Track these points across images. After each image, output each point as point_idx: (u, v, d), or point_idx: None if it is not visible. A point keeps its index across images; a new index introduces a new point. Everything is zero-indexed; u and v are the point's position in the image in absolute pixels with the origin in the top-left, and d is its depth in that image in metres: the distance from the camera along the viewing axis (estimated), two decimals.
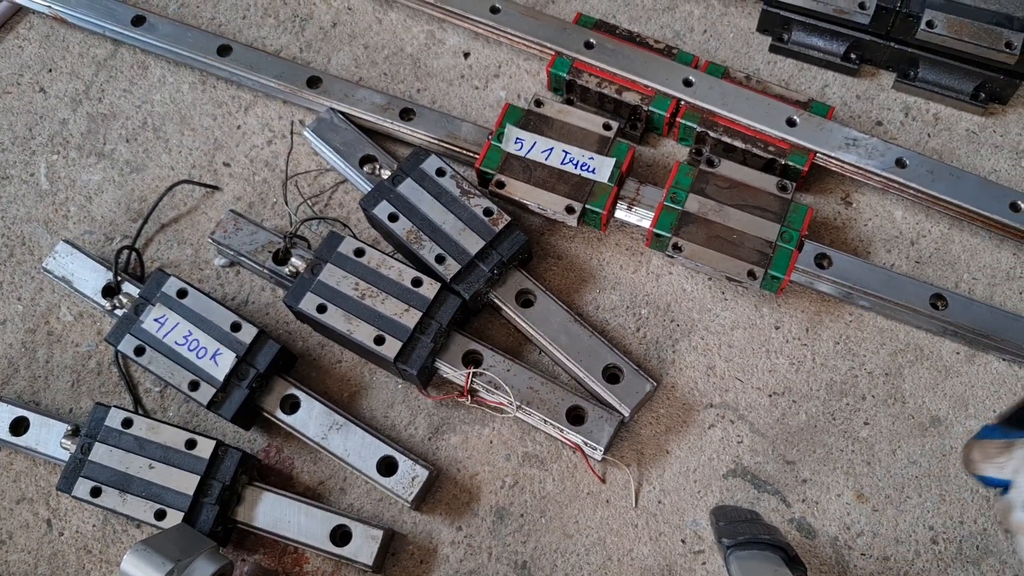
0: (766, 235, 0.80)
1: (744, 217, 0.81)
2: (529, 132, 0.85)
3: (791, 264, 0.79)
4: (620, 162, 0.83)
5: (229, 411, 0.77)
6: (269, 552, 0.78)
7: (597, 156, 0.83)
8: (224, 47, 0.93)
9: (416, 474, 0.77)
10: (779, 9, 0.91)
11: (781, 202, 0.81)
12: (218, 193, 0.92)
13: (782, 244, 0.79)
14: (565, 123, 0.85)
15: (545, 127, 0.85)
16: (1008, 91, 0.88)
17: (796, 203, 0.81)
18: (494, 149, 0.84)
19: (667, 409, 0.81)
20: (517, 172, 0.84)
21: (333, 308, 0.78)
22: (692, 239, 0.80)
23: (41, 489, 0.82)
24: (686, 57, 0.89)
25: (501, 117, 0.85)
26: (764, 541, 0.66)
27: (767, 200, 0.81)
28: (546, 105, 0.86)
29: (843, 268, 0.81)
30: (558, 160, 0.84)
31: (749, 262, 0.79)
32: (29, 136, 0.95)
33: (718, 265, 0.79)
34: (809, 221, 0.81)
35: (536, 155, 0.84)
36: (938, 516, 0.77)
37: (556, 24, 0.91)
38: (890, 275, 0.81)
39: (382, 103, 0.90)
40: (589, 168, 0.83)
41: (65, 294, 0.88)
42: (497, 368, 0.79)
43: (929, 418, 0.80)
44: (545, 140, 0.84)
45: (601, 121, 0.85)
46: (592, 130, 0.85)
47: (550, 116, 0.86)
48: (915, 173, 0.83)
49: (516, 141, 0.84)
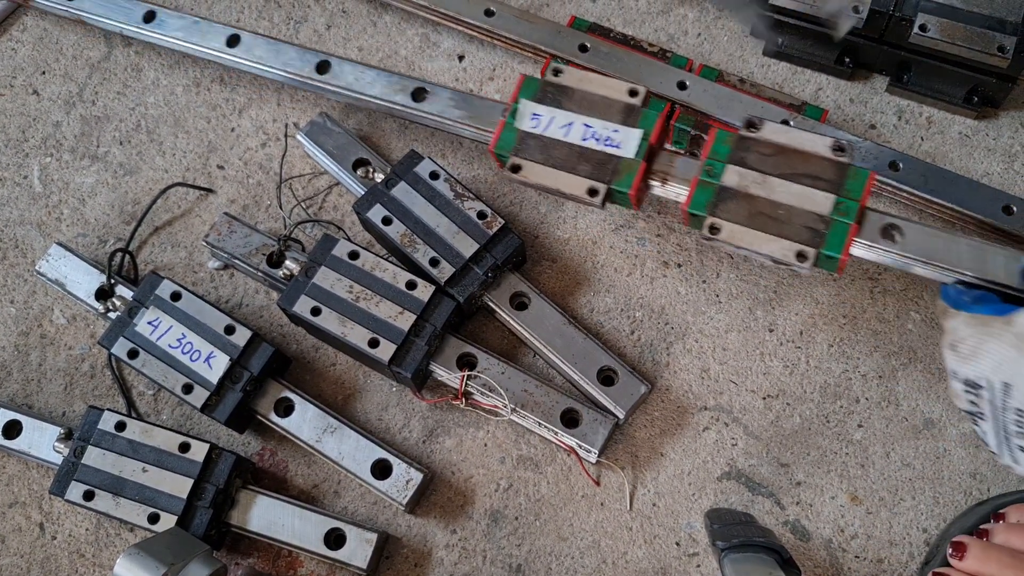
0: (819, 208, 0.68)
1: (792, 188, 0.69)
2: (546, 106, 0.75)
3: (848, 240, 0.68)
4: (648, 133, 0.73)
5: (223, 414, 0.77)
6: (263, 556, 0.78)
7: (622, 128, 0.73)
8: (233, 37, 0.89)
9: (410, 477, 0.77)
10: (773, 13, 0.91)
11: (837, 167, 0.68)
12: (212, 196, 0.92)
13: (837, 218, 0.68)
14: (587, 92, 0.75)
15: (564, 99, 0.75)
16: (1001, 95, 0.89)
17: (855, 167, 0.68)
18: (508, 128, 0.76)
19: (661, 412, 0.81)
20: (534, 153, 0.75)
21: (327, 311, 0.78)
22: (731, 217, 0.70)
23: (34, 493, 0.81)
24: (680, 60, 0.89)
25: (516, 91, 0.77)
26: (758, 543, 0.66)
27: (820, 166, 0.68)
28: (565, 73, 0.76)
29: (917, 241, 0.69)
30: (579, 136, 0.74)
31: (799, 241, 0.68)
32: (22, 139, 0.95)
33: (762, 247, 0.69)
34: (870, 188, 0.68)
35: (555, 131, 0.74)
36: (932, 518, 0.77)
37: (550, 27, 0.91)
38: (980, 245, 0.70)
39: (395, 84, 0.84)
40: (613, 142, 0.73)
41: (58, 297, 0.88)
42: (492, 371, 0.79)
43: (923, 420, 0.80)
44: (564, 114, 0.75)
45: (626, 87, 0.74)
46: (616, 98, 0.74)
47: (569, 86, 0.76)
48: (908, 176, 0.84)
49: (532, 118, 0.75)
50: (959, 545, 0.63)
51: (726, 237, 0.70)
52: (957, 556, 0.63)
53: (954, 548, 0.63)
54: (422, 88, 0.84)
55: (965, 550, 0.63)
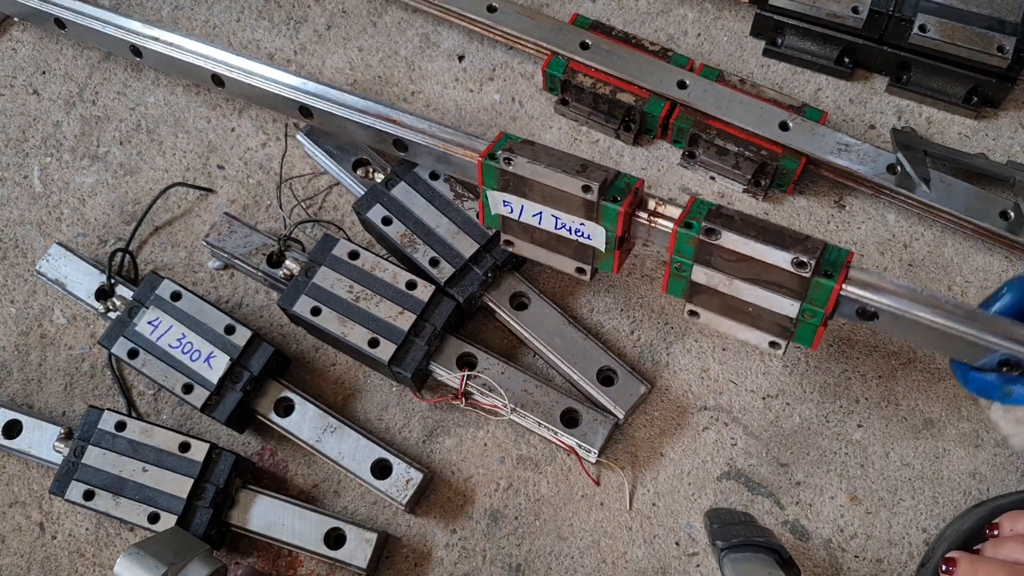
0: (785, 311, 0.68)
1: (757, 292, 0.68)
2: (512, 195, 0.73)
3: (817, 337, 0.69)
4: (613, 229, 0.71)
5: (223, 414, 0.77)
6: (263, 555, 0.78)
7: (587, 223, 0.72)
8: (216, 76, 0.86)
9: (410, 477, 0.77)
10: (772, 13, 0.92)
11: (799, 280, 0.66)
12: (212, 196, 0.92)
13: (805, 321, 0.68)
14: (544, 185, 0.71)
15: (526, 189, 0.72)
16: (1000, 95, 0.89)
17: (818, 280, 0.65)
18: (488, 208, 0.76)
19: (661, 412, 0.81)
20: (519, 232, 0.76)
21: (327, 311, 0.78)
22: (707, 307, 0.72)
23: (34, 492, 0.81)
24: (681, 59, 0.89)
25: (479, 177, 0.74)
26: (758, 543, 0.66)
27: (782, 276, 0.66)
28: (515, 163, 0.71)
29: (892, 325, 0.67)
30: (551, 225, 0.73)
31: (770, 333, 0.70)
32: (23, 139, 0.95)
33: (737, 334, 0.71)
34: (835, 300, 0.66)
35: (528, 219, 0.74)
36: (931, 518, 0.77)
37: (552, 24, 0.91)
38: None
39: (377, 136, 0.81)
40: (584, 234, 0.72)
41: (58, 297, 0.88)
42: (491, 371, 0.79)
43: (922, 420, 0.80)
44: (531, 204, 0.73)
45: (579, 184, 0.69)
46: (573, 193, 0.70)
47: (525, 176, 0.71)
48: (906, 180, 0.84)
49: (504, 204, 0.74)
50: (950, 560, 0.64)
51: (705, 322, 0.73)
52: (948, 572, 0.64)
53: (945, 563, 0.64)
54: (400, 140, 0.80)
55: (955, 565, 0.64)
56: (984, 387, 0.66)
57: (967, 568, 0.63)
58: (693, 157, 0.89)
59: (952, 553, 0.64)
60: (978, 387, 0.66)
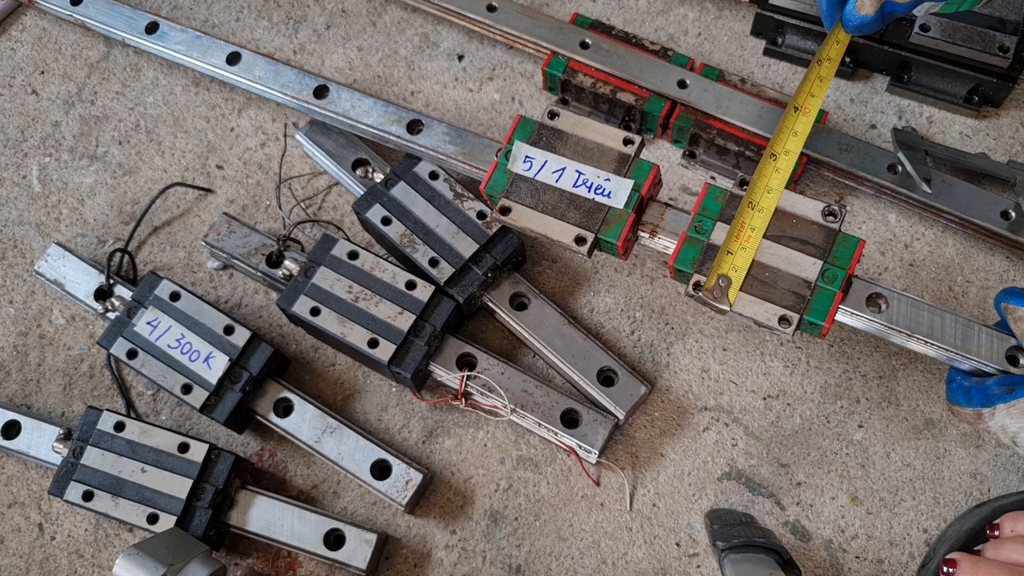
0: (805, 274, 0.67)
1: (780, 252, 0.68)
2: (540, 149, 0.74)
3: (833, 308, 0.67)
4: (640, 184, 0.71)
5: (222, 414, 0.77)
6: (262, 556, 0.78)
7: (614, 177, 0.72)
8: (234, 54, 0.89)
9: (410, 477, 0.77)
10: (773, 13, 0.91)
11: (826, 233, 0.67)
12: (211, 196, 0.91)
13: (823, 285, 0.67)
14: (581, 138, 0.73)
15: (559, 143, 0.74)
16: (1001, 94, 0.89)
17: (845, 234, 0.67)
18: (500, 169, 0.74)
19: (661, 412, 0.81)
20: (524, 196, 0.73)
21: (327, 311, 0.78)
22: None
23: (33, 493, 0.81)
24: (681, 59, 0.89)
25: (511, 131, 0.75)
26: (759, 544, 0.66)
27: (809, 230, 0.67)
28: (561, 117, 0.74)
29: (900, 311, 0.69)
30: (570, 182, 0.73)
31: (783, 305, 0.67)
32: (21, 138, 0.95)
33: (744, 309, 0.67)
34: (859, 256, 0.67)
35: (546, 176, 0.73)
36: (932, 519, 0.77)
37: (552, 24, 0.91)
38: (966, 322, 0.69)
39: (391, 115, 0.84)
40: (604, 191, 0.72)
41: (57, 297, 0.88)
42: (491, 371, 0.79)
43: (923, 421, 0.80)
44: (557, 158, 0.73)
45: (622, 135, 0.73)
46: (611, 146, 0.72)
47: (564, 130, 0.74)
48: (907, 179, 0.83)
49: (525, 160, 0.74)
50: (950, 562, 0.64)
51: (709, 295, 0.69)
52: (949, 573, 0.64)
53: (946, 564, 0.64)
54: (418, 120, 0.83)
55: (956, 566, 0.64)
56: (988, 396, 0.67)
57: (968, 569, 0.63)
58: (693, 157, 0.89)
59: (953, 554, 0.65)
60: (983, 398, 0.67)
